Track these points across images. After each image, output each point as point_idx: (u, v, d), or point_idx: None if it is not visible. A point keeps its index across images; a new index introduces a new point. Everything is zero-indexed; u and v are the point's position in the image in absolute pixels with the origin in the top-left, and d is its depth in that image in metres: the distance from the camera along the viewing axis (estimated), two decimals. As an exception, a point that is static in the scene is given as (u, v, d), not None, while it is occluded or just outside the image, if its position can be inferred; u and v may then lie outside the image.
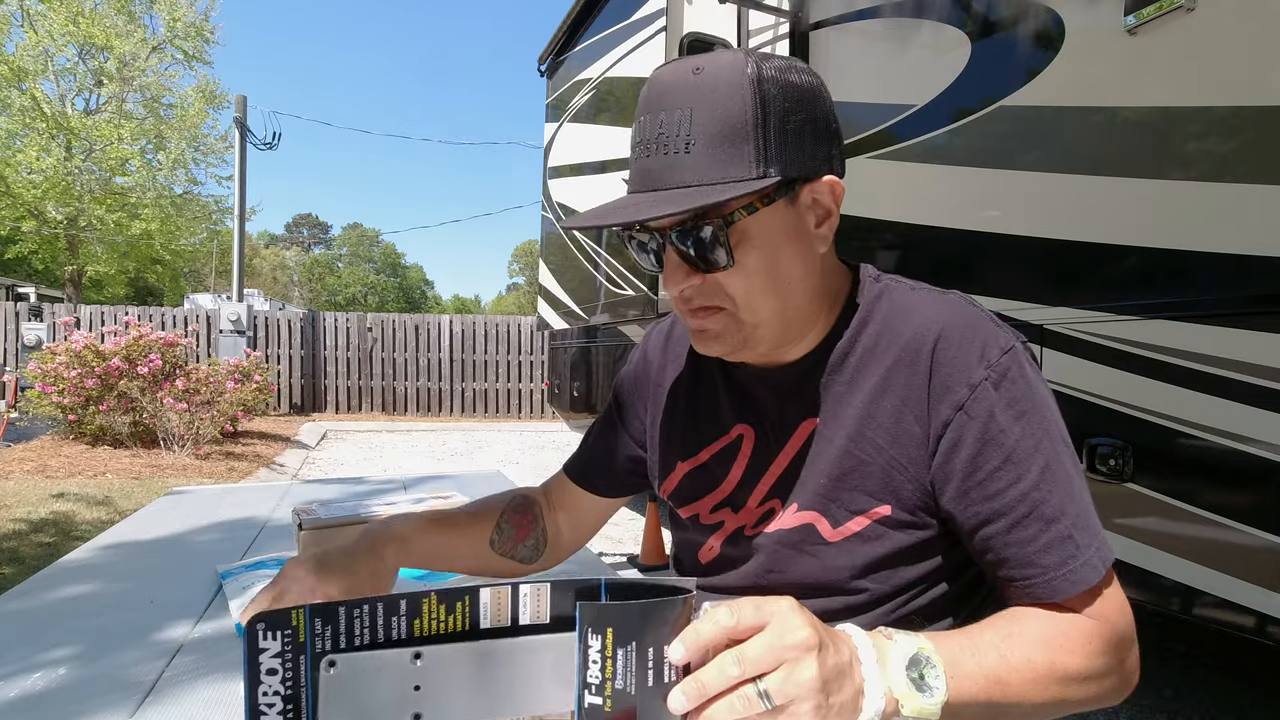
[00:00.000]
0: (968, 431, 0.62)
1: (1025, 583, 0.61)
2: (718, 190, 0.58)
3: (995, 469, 0.62)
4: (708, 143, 0.59)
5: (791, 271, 0.65)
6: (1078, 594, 0.60)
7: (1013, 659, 0.55)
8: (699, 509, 0.77)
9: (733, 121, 0.59)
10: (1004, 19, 1.82)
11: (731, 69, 0.60)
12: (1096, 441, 1.55)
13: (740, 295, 0.64)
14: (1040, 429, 0.62)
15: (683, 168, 0.60)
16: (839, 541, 0.67)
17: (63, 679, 0.64)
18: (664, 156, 0.60)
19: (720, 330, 0.66)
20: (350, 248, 51.88)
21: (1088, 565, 0.59)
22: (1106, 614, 0.60)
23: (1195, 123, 1.42)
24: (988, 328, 0.65)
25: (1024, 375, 0.63)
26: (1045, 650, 0.56)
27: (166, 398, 5.86)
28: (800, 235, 0.65)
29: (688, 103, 0.60)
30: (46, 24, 14.57)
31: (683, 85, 0.61)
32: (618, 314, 4.07)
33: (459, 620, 0.45)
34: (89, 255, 16.74)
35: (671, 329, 0.87)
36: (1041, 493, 0.61)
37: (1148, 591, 1.50)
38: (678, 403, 0.82)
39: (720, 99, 0.59)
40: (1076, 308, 1.61)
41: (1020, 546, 0.61)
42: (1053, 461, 0.61)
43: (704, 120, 0.59)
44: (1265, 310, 1.29)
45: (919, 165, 2.02)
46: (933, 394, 0.64)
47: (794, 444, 0.70)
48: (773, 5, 2.77)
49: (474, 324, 11.28)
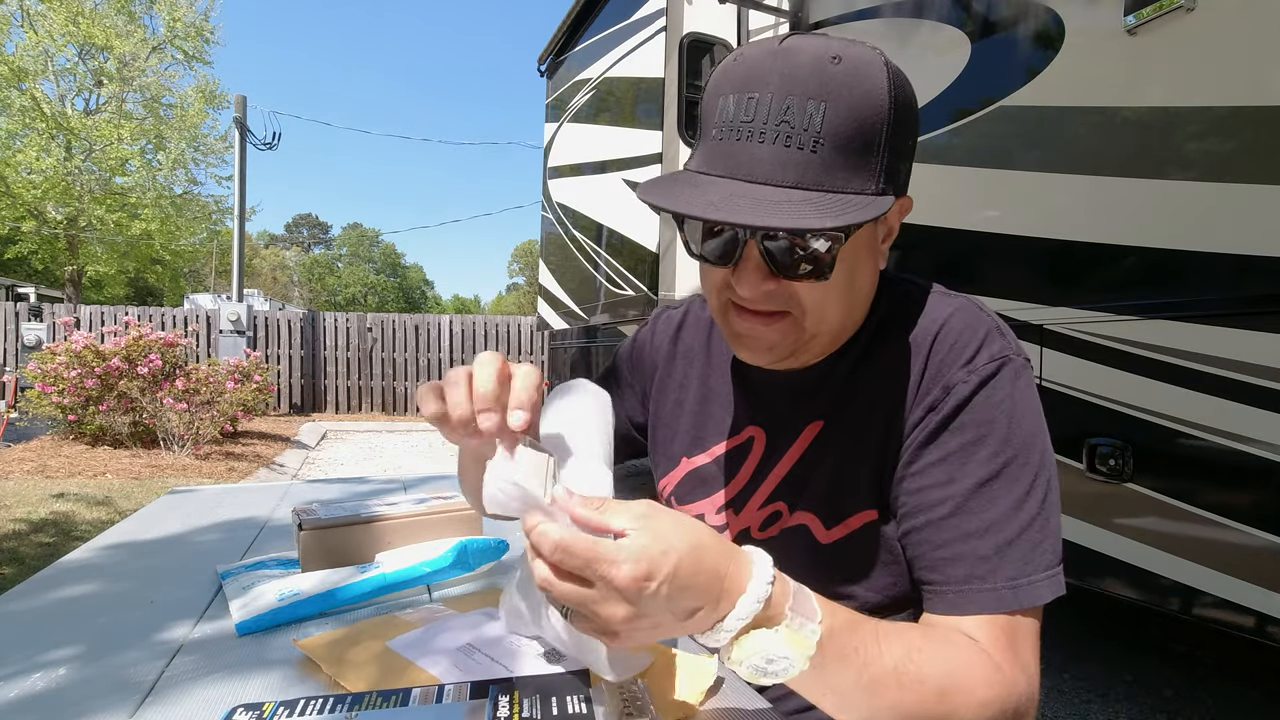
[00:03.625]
0: (927, 429, 0.61)
1: (927, 589, 0.59)
2: (850, 205, 0.53)
3: (931, 464, 0.60)
4: (838, 146, 0.53)
5: (863, 285, 0.64)
6: (973, 618, 0.56)
7: (907, 671, 0.51)
8: (703, 509, 0.76)
9: (869, 128, 0.54)
10: (1004, 19, 1.83)
11: (872, 68, 0.55)
12: (1096, 441, 1.55)
13: (814, 305, 0.60)
14: (1000, 442, 0.58)
15: (806, 167, 0.53)
16: (831, 544, 0.67)
17: (63, 679, 0.64)
18: (784, 149, 0.53)
19: (777, 339, 0.63)
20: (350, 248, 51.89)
21: (993, 594, 0.55)
22: (1010, 670, 0.54)
23: (1195, 123, 1.42)
24: (985, 334, 0.62)
25: (1005, 386, 0.60)
26: (941, 676, 0.51)
27: (166, 398, 5.86)
28: (874, 251, 0.64)
29: (823, 94, 0.53)
30: (46, 24, 14.57)
31: (819, 72, 0.53)
32: (618, 314, 4.07)
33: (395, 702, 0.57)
34: (89, 255, 16.74)
35: (683, 320, 0.84)
36: (973, 503, 0.57)
37: (1148, 591, 1.50)
38: (685, 398, 0.80)
39: (859, 99, 0.54)
40: (1076, 308, 1.61)
41: (931, 548, 0.59)
42: (1004, 478, 0.58)
43: (840, 118, 0.53)
44: (1265, 310, 1.29)
45: (918, 165, 2.01)
46: (919, 395, 0.62)
47: (799, 446, 0.69)
48: (773, 5, 2.77)
49: (474, 324, 11.28)
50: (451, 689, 0.58)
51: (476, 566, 0.93)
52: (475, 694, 0.57)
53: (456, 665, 0.64)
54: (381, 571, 0.86)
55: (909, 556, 0.62)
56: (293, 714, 0.54)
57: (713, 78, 0.59)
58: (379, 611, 0.81)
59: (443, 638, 0.70)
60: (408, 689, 0.58)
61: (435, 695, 0.57)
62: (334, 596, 0.81)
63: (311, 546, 0.90)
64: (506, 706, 0.52)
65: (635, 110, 3.91)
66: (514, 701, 0.52)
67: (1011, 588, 0.56)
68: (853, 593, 0.66)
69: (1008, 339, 0.63)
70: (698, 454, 0.77)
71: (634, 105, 3.93)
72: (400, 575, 0.86)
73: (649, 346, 0.86)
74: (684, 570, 0.45)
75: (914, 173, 0.63)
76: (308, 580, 0.85)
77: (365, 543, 0.93)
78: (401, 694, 0.57)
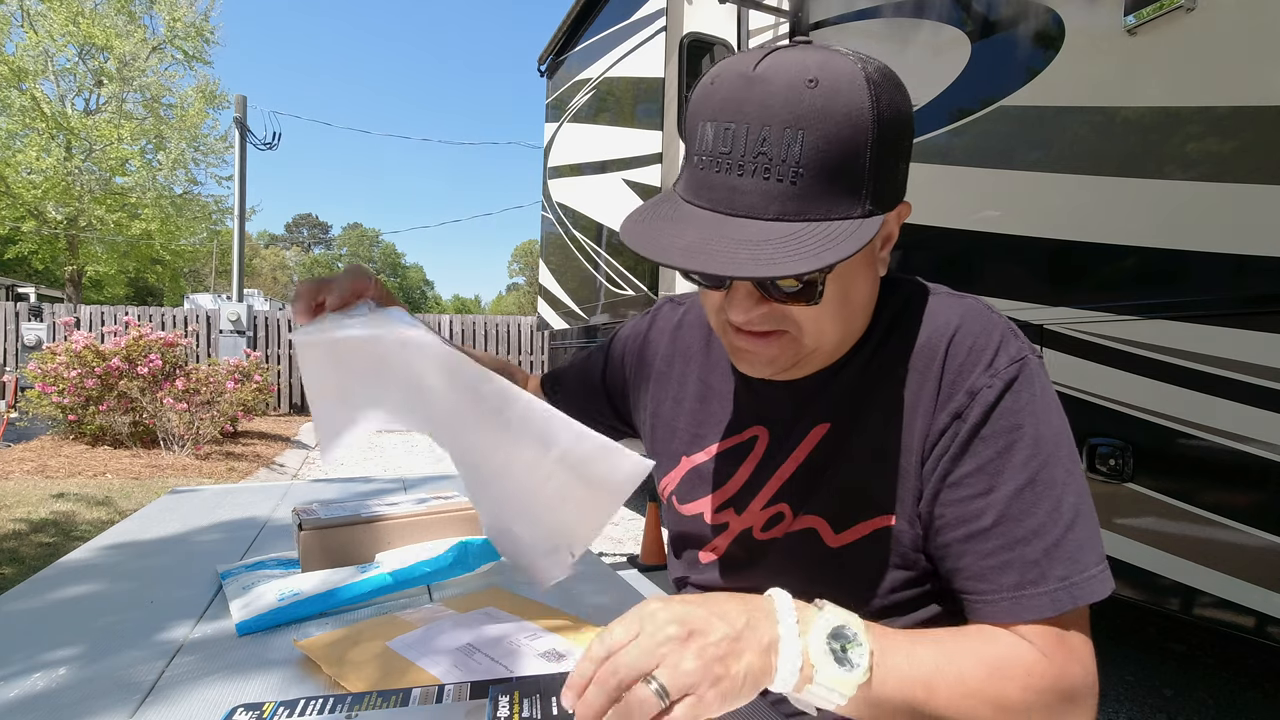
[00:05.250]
0: (957, 437, 0.60)
1: (975, 598, 0.59)
2: (842, 235, 0.52)
3: (968, 474, 0.59)
4: (817, 175, 0.52)
5: (860, 298, 0.63)
6: (1029, 624, 0.56)
7: (946, 670, 0.52)
8: (703, 507, 0.76)
9: (849, 155, 0.53)
10: (1004, 19, 1.83)
11: (851, 85, 0.53)
12: (1096, 441, 1.55)
13: (809, 323, 0.60)
14: (1032, 444, 0.58)
15: (785, 199, 0.52)
16: (840, 548, 0.66)
17: (63, 679, 0.64)
18: (763, 181, 0.52)
19: (776, 354, 0.63)
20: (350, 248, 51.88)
21: (1048, 597, 0.55)
22: (1061, 657, 0.55)
23: (1195, 123, 1.42)
24: (1001, 336, 0.62)
25: (1028, 388, 0.60)
26: (982, 670, 0.53)
27: (166, 398, 5.86)
28: (871, 262, 0.63)
29: (798, 122, 0.51)
30: (46, 24, 14.58)
31: (793, 98, 0.52)
32: (618, 314, 4.07)
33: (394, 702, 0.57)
34: (89, 255, 16.75)
35: (683, 319, 0.84)
36: (1015, 509, 0.57)
37: (1148, 591, 1.50)
38: (684, 396, 0.80)
39: (840, 123, 0.52)
40: (1076, 308, 1.61)
41: (977, 558, 0.58)
42: (1041, 481, 0.57)
43: (817, 148, 0.52)
44: (1265, 310, 1.29)
45: (919, 165, 2.01)
46: (940, 400, 0.62)
47: (804, 448, 0.69)
48: (773, 5, 2.77)
49: (474, 324, 11.27)
50: (452, 689, 0.58)
51: (476, 566, 0.94)
52: (475, 694, 0.57)
53: (457, 665, 0.64)
54: (381, 571, 0.86)
55: (949, 568, 0.61)
56: (293, 714, 0.54)
57: (692, 98, 0.58)
58: (379, 611, 0.81)
59: (443, 638, 0.70)
60: (408, 689, 0.58)
61: (435, 695, 0.57)
62: (334, 596, 0.81)
63: (312, 546, 0.90)
64: (506, 706, 0.52)
65: (635, 110, 3.91)
66: (514, 701, 0.52)
67: (1066, 588, 0.56)
68: (860, 596, 0.65)
69: (1021, 340, 0.63)
70: (697, 452, 0.77)
71: (634, 105, 3.93)
72: (400, 575, 0.86)
73: (645, 343, 0.86)
74: (679, 599, 0.49)
75: (914, 173, 0.63)
76: (308, 580, 0.85)
77: (365, 543, 0.93)
78: (402, 694, 0.57)
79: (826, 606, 0.51)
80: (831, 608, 0.51)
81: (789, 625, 0.49)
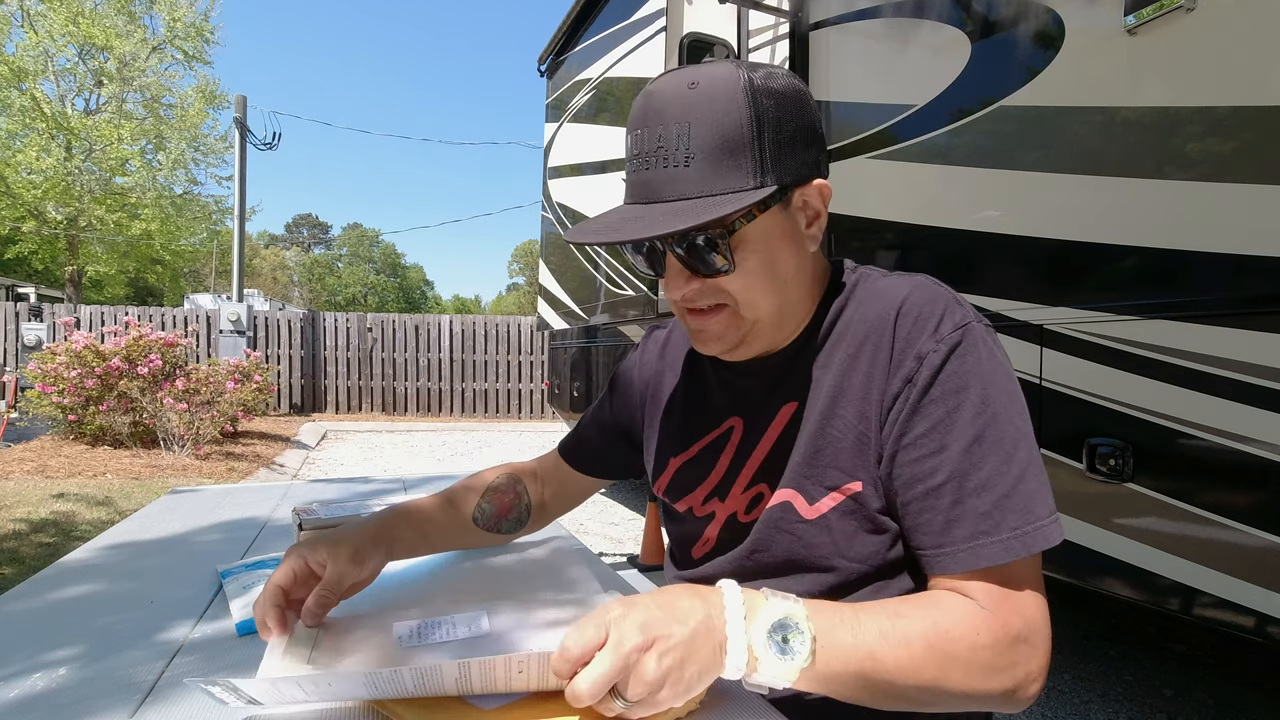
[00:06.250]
0: (909, 401, 0.64)
1: (933, 552, 0.62)
2: (720, 203, 0.61)
3: (920, 435, 0.63)
4: (707, 156, 0.61)
5: (786, 270, 0.69)
6: (976, 580, 0.59)
7: (891, 636, 0.56)
8: (691, 502, 0.80)
9: (730, 134, 0.62)
10: (1004, 19, 1.82)
11: (726, 82, 0.62)
12: (1096, 441, 1.55)
13: (740, 294, 0.67)
14: (979, 403, 0.62)
15: (684, 181, 0.62)
16: (815, 519, 0.69)
17: (63, 679, 0.64)
18: (664, 170, 0.62)
19: (721, 330, 0.70)
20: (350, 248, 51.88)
21: (1001, 545, 0.59)
22: (1005, 610, 0.58)
23: (1195, 123, 1.42)
24: (946, 305, 0.67)
25: (974, 350, 0.64)
26: (926, 629, 0.56)
27: (166, 398, 5.86)
28: (794, 236, 0.68)
29: (685, 117, 0.62)
30: (46, 24, 14.58)
31: (679, 99, 0.63)
32: (618, 314, 4.07)
33: None
34: (89, 255, 16.75)
35: (669, 337, 0.91)
36: (965, 464, 0.61)
37: (1148, 591, 1.50)
38: (674, 405, 0.85)
39: (717, 113, 0.62)
40: (1076, 308, 1.61)
41: (934, 514, 0.62)
42: (989, 438, 0.61)
43: (702, 134, 0.61)
44: (1265, 310, 1.29)
45: (919, 165, 2.02)
46: (892, 367, 0.66)
47: (775, 428, 0.73)
48: (773, 5, 2.77)
49: (474, 324, 11.28)
50: None
51: (476, 566, 0.93)
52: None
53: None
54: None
55: (908, 526, 0.65)
56: None
57: None
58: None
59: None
60: None
61: None
62: (334, 596, 0.81)
63: (311, 546, 0.90)
64: None
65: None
66: None
67: (1019, 536, 0.59)
68: (837, 564, 0.69)
69: (966, 308, 0.67)
70: (682, 452, 0.81)
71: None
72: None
73: (639, 368, 0.92)
74: (641, 603, 0.53)
75: (914, 172, 0.65)
76: (308, 580, 0.85)
77: (365, 543, 0.93)
78: None
79: (771, 597, 0.55)
80: (776, 598, 0.55)
81: (736, 622, 0.53)
